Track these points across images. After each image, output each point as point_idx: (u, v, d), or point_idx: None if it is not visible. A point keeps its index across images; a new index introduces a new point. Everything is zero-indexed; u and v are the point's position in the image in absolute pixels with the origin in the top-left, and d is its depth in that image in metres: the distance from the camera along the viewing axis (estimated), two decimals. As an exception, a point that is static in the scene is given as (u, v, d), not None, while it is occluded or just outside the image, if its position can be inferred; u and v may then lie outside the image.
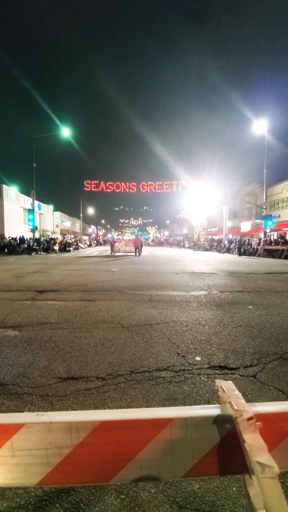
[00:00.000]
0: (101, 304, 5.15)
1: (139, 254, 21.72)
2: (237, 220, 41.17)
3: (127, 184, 34.40)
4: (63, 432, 0.79)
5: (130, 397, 2.15)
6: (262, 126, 25.67)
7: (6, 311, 4.61)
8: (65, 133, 27.66)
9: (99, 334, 3.55)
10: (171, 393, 2.22)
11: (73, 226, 60.46)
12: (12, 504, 1.23)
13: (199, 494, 1.37)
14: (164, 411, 0.89)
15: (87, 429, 0.79)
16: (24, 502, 1.25)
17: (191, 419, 0.82)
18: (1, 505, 1.22)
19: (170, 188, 34.90)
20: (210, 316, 4.45)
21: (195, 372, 2.58)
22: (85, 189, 34.19)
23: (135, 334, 3.58)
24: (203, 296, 5.94)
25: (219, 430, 0.82)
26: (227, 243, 29.54)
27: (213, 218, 42.70)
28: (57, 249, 27.60)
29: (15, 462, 0.77)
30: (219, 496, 1.36)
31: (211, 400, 2.14)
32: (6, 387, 2.29)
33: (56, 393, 2.20)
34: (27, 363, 2.73)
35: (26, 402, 2.08)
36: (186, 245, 41.85)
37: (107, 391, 2.24)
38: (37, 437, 0.78)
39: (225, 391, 0.88)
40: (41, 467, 0.78)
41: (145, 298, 5.70)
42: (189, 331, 3.69)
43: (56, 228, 48.24)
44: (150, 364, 2.71)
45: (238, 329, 3.80)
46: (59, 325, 3.93)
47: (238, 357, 2.91)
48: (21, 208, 34.40)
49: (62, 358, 2.83)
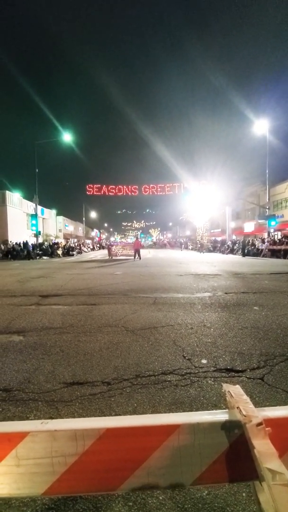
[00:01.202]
0: (105, 308, 5.14)
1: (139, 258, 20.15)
2: (240, 221, 41.03)
3: (129, 187, 34.50)
4: (68, 440, 0.77)
5: (136, 402, 2.13)
6: (263, 126, 25.66)
7: (11, 317, 4.62)
8: (67, 138, 27.93)
9: (103, 338, 3.53)
10: (177, 397, 2.20)
11: (76, 230, 60.74)
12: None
13: (208, 501, 1.34)
14: (171, 417, 0.87)
15: (93, 437, 0.78)
16: (30, 511, 1.23)
17: (198, 425, 0.80)
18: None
19: (172, 190, 34.91)
20: (215, 318, 4.41)
21: (202, 375, 2.55)
22: (87, 193, 34.36)
23: (140, 337, 3.55)
24: (208, 298, 5.90)
25: (227, 436, 0.80)
26: (230, 244, 29.43)
27: (216, 219, 42.63)
28: (61, 254, 27.72)
29: (20, 472, 0.76)
30: (229, 502, 1.34)
31: (218, 403, 2.10)
32: (11, 393, 2.28)
33: (62, 399, 2.19)
34: (32, 368, 2.72)
35: (31, 408, 2.06)
36: (190, 246, 41.76)
37: (113, 395, 2.22)
38: (42, 446, 0.77)
39: (233, 395, 0.86)
40: (46, 476, 0.77)
41: (149, 301, 5.68)
42: (195, 334, 3.66)
43: (59, 232, 48.50)
44: (155, 368, 2.69)
45: (244, 330, 3.76)
46: (64, 329, 3.93)
47: (245, 359, 2.87)
48: (24, 213, 34.66)
49: (67, 363, 2.82)
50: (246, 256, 23.23)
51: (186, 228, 65.21)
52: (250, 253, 23.63)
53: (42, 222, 39.15)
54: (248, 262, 16.70)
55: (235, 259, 19.68)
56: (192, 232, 53.00)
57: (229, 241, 31.58)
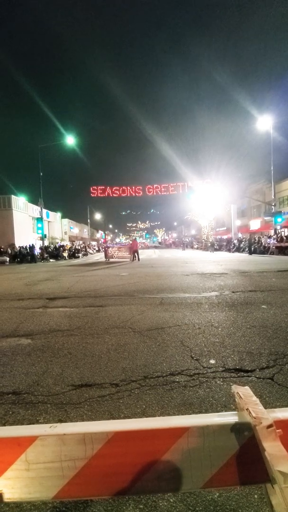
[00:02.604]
0: (112, 309, 5.15)
1: (138, 259, 19.18)
2: (246, 219, 40.70)
3: (133, 188, 34.52)
4: (77, 444, 0.77)
5: (145, 403, 2.13)
6: (267, 122, 25.41)
7: (19, 320, 4.66)
8: (70, 141, 28.11)
9: (111, 340, 3.54)
10: (186, 398, 2.18)
11: (81, 232, 61.09)
12: (30, 517, 1.22)
13: (220, 503, 1.32)
14: (180, 419, 0.86)
15: (101, 441, 0.78)
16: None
17: (208, 428, 0.79)
18: (18, 518, 1.22)
19: (176, 189, 34.81)
20: (222, 317, 4.38)
21: (210, 375, 2.53)
22: (92, 195, 34.50)
23: (147, 338, 3.55)
24: (215, 297, 5.87)
25: (237, 438, 0.79)
26: (236, 242, 29.21)
27: (221, 218, 42.35)
28: (67, 256, 27.89)
29: (31, 476, 0.76)
30: (241, 504, 1.32)
31: (228, 404, 2.08)
32: (21, 396, 2.30)
33: (71, 401, 2.20)
34: (41, 371, 2.74)
35: (41, 411, 2.08)
36: (195, 245, 41.59)
37: (121, 397, 2.22)
38: (51, 450, 0.77)
39: (242, 397, 0.85)
40: (56, 480, 0.77)
41: (155, 302, 5.67)
42: (202, 334, 3.64)
43: (65, 235, 48.86)
44: (163, 369, 2.68)
45: (252, 329, 3.72)
46: (71, 332, 3.94)
47: (254, 358, 2.84)
48: (30, 217, 35.02)
49: (75, 365, 2.83)
50: (252, 254, 23.02)
51: (191, 227, 64.99)
52: (256, 251, 23.41)
53: (47, 225, 39.47)
54: (255, 260, 16.54)
55: (241, 258, 19.52)
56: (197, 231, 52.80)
57: (235, 239, 31.34)
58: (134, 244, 20.40)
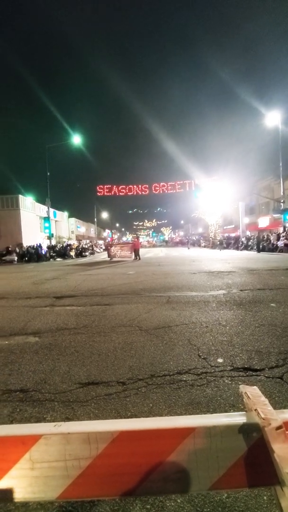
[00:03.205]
0: (118, 308, 5.15)
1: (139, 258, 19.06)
2: (254, 216, 40.19)
3: (140, 187, 34.49)
4: (82, 443, 0.76)
5: (152, 402, 2.11)
6: (275, 118, 24.99)
7: (27, 318, 4.71)
8: (77, 141, 28.22)
9: (118, 338, 3.54)
10: (193, 397, 2.16)
11: (88, 231, 61.43)
12: (36, 515, 1.23)
13: (228, 504, 1.30)
14: (186, 419, 0.84)
15: (106, 440, 0.76)
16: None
17: (215, 428, 0.77)
18: (24, 516, 1.22)
19: (183, 187, 34.61)
20: (230, 316, 4.33)
21: (218, 374, 2.50)
22: (98, 194, 34.61)
23: (154, 337, 3.53)
24: (223, 296, 5.81)
25: (245, 439, 0.77)
26: (244, 240, 28.89)
27: (228, 215, 41.96)
28: (74, 255, 28.07)
29: (35, 475, 0.76)
30: (249, 505, 1.30)
31: (236, 403, 2.05)
32: (28, 393, 2.32)
33: (78, 399, 2.20)
34: (48, 369, 2.76)
35: (48, 409, 2.09)
36: (202, 244, 41.32)
37: (128, 396, 2.22)
38: (56, 449, 0.76)
39: (250, 397, 0.82)
40: (61, 480, 0.76)
41: (162, 300, 5.65)
42: (210, 332, 3.61)
43: (72, 234, 49.20)
44: (170, 367, 2.66)
45: (261, 328, 3.67)
46: (78, 330, 3.96)
47: (263, 357, 2.79)
48: (37, 216, 35.35)
49: (82, 363, 2.84)
50: (261, 252, 22.74)
51: (198, 226, 64.58)
52: (265, 249, 23.12)
53: (54, 224, 39.81)
54: (264, 258, 16.33)
55: (250, 255, 19.30)
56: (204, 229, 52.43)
57: (243, 237, 31.00)
58: (136, 243, 20.35)
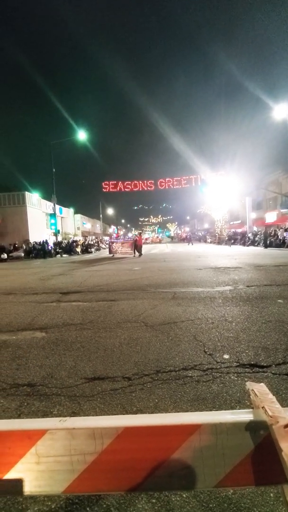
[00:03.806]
0: (124, 304, 5.17)
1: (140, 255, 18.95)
2: (261, 211, 39.66)
3: (145, 182, 34.31)
4: (87, 439, 0.76)
5: (157, 397, 2.12)
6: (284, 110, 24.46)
7: (34, 314, 4.76)
8: (82, 137, 28.15)
9: (123, 334, 3.55)
10: (199, 393, 2.16)
11: (93, 227, 61.57)
12: (44, 508, 1.24)
13: (234, 500, 1.30)
14: (192, 416, 0.83)
15: (111, 436, 0.76)
16: (55, 506, 1.25)
17: (221, 425, 0.76)
18: (32, 509, 1.24)
19: (189, 183, 34.32)
20: (237, 312, 4.29)
21: (224, 370, 2.49)
22: (104, 190, 34.59)
23: (159, 332, 3.53)
24: (229, 292, 5.77)
25: (252, 437, 0.76)
26: (251, 235, 28.58)
27: (235, 211, 41.50)
28: (79, 251, 28.21)
29: (41, 469, 0.76)
30: (256, 502, 1.29)
31: (242, 400, 2.04)
32: (35, 387, 2.35)
33: (84, 394, 2.22)
34: (55, 364, 2.78)
35: (55, 403, 2.11)
36: (208, 239, 41.04)
37: (134, 391, 2.22)
38: (61, 444, 0.76)
39: (257, 394, 0.81)
40: (66, 474, 0.76)
41: (168, 296, 5.64)
42: (216, 328, 3.59)
43: (78, 230, 49.39)
44: (176, 363, 2.66)
45: (268, 324, 3.63)
46: (84, 325, 3.99)
47: (270, 354, 2.77)
48: (43, 213, 35.55)
49: (88, 359, 2.86)
50: (268, 247, 22.49)
51: (204, 221, 64.09)
52: (272, 244, 22.85)
53: (60, 221, 40.00)
54: (271, 254, 16.15)
55: (256, 251, 19.10)
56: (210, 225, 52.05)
57: (250, 232, 30.66)
58: (139, 239, 20.30)
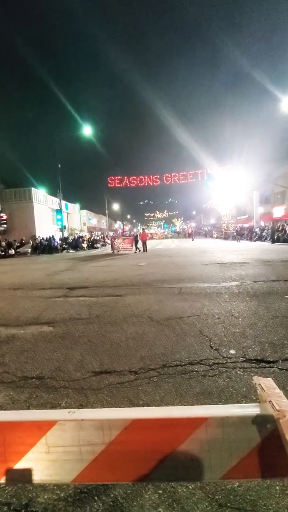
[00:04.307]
0: (130, 299, 5.19)
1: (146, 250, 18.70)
2: (269, 206, 39.10)
3: (151, 177, 34.13)
4: (95, 430, 0.78)
5: (164, 391, 2.14)
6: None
7: (41, 308, 4.83)
8: (87, 131, 28.05)
9: (129, 329, 3.57)
10: (205, 387, 2.17)
11: (99, 223, 61.70)
12: (53, 496, 1.28)
13: (240, 493, 1.31)
14: (198, 409, 0.84)
15: (119, 427, 0.78)
16: (64, 495, 1.29)
17: (228, 419, 0.77)
18: (42, 497, 1.27)
19: (195, 177, 33.98)
20: (243, 307, 4.28)
21: (230, 365, 2.49)
22: (109, 185, 34.54)
23: (165, 327, 3.55)
24: (235, 287, 5.74)
25: (259, 431, 0.76)
26: (258, 230, 28.26)
27: (242, 206, 41.01)
28: (85, 247, 28.38)
29: (51, 459, 0.78)
30: (261, 495, 1.30)
31: (248, 394, 2.05)
32: (44, 380, 2.39)
33: (91, 387, 2.25)
34: (62, 357, 2.83)
35: (62, 395, 2.15)
36: (214, 235, 40.75)
37: (140, 384, 2.25)
38: (70, 434, 0.78)
39: (265, 389, 0.81)
40: (75, 464, 0.78)
41: (174, 291, 5.64)
42: (222, 324, 3.58)
43: (83, 226, 49.57)
44: (182, 358, 2.67)
45: (275, 320, 3.61)
46: (91, 320, 4.03)
47: (276, 349, 2.76)
48: (49, 209, 35.74)
49: (94, 353, 2.90)
50: (275, 242, 22.23)
51: (211, 216, 63.56)
52: (280, 239, 22.55)
53: (66, 216, 40.17)
54: (278, 249, 15.96)
55: (263, 246, 18.91)
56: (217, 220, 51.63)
57: (257, 227, 30.32)
58: (143, 235, 20.16)
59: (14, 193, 31.25)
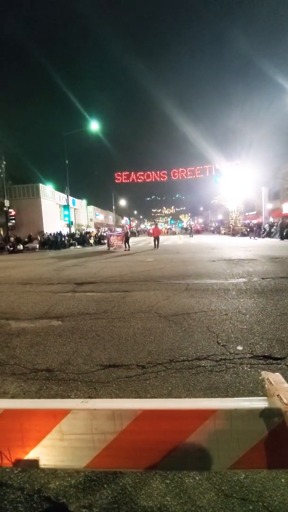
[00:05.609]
0: (137, 295, 5.23)
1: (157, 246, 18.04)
2: (278, 202, 38.47)
3: (158, 173, 33.96)
4: (107, 419, 0.81)
5: (171, 385, 2.17)
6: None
7: (50, 303, 4.91)
8: (94, 127, 27.97)
9: (137, 324, 3.61)
10: (212, 382, 2.19)
11: (106, 219, 61.82)
12: (64, 483, 1.33)
13: (246, 484, 1.34)
14: (207, 402, 0.87)
15: (130, 417, 0.80)
16: (74, 482, 1.33)
17: (236, 411, 0.79)
18: (53, 483, 1.32)
19: (202, 173, 33.67)
20: (251, 304, 4.27)
21: (237, 361, 2.50)
22: (116, 181, 34.52)
23: (172, 323, 3.57)
24: (243, 284, 5.71)
25: (266, 423, 0.78)
26: (267, 226, 27.89)
27: (250, 201, 40.46)
28: (93, 242, 28.50)
29: (64, 445, 0.82)
30: (267, 486, 1.32)
31: (255, 390, 2.06)
32: (53, 373, 2.45)
33: (99, 380, 2.30)
34: (71, 351, 2.88)
35: (72, 388, 2.20)
36: (222, 231, 40.38)
37: (148, 378, 2.28)
38: (83, 423, 0.81)
39: (273, 383, 0.83)
40: (88, 451, 0.82)
41: (181, 287, 5.65)
42: (229, 320, 3.59)
43: (90, 221, 49.75)
44: (189, 353, 2.70)
45: (283, 317, 3.60)
46: (99, 315, 4.08)
47: (284, 346, 2.75)
48: (57, 204, 35.95)
49: (103, 347, 2.95)
50: (284, 239, 21.91)
51: (218, 212, 62.90)
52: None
53: (73, 212, 40.36)
54: (287, 246, 15.76)
55: (272, 243, 18.67)
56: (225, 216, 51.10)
57: (266, 223, 29.91)
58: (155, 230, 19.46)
59: (22, 189, 31.52)
